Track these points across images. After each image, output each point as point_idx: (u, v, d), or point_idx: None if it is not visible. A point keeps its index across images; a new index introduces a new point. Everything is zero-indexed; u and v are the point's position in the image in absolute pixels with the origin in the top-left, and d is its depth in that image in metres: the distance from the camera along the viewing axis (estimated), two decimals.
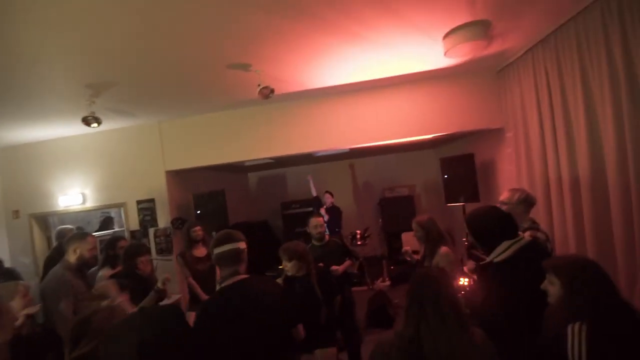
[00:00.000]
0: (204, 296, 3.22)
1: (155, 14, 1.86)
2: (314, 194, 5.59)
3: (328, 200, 5.39)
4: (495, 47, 2.92)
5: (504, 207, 2.28)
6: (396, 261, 6.16)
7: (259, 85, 2.83)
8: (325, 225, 5.22)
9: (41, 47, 2.08)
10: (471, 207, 3.98)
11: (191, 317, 2.95)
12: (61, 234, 3.78)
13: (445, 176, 4.13)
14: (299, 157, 5.65)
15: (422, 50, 2.81)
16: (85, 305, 1.82)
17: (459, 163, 4.04)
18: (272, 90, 2.86)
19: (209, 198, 4.60)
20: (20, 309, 1.90)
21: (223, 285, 1.56)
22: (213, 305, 1.54)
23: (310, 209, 5.88)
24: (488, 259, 1.67)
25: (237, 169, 6.44)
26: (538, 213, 2.36)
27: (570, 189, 2.57)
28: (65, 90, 2.81)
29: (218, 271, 3.37)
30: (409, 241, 6.10)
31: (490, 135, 4.02)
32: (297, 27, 2.18)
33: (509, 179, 3.59)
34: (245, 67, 2.70)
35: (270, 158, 4.27)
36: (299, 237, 6.35)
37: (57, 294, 2.35)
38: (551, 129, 2.75)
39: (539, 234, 2.10)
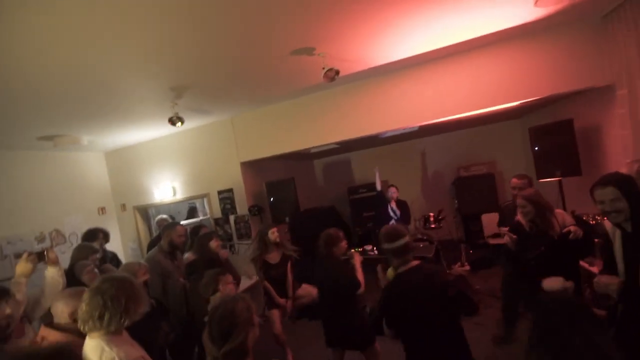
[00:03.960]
0: (278, 299, 3.11)
1: (228, 7, 1.91)
2: (379, 188, 5.32)
3: (394, 194, 5.05)
4: None
5: None
6: (475, 245, 5.72)
7: (323, 68, 2.78)
8: (397, 220, 4.98)
9: (129, 55, 2.30)
10: (570, 181, 3.48)
11: (272, 315, 3.09)
12: (160, 223, 4.32)
13: (536, 148, 3.61)
14: (364, 140, 5.50)
15: (508, 2, 2.44)
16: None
17: (553, 132, 3.49)
18: (337, 72, 2.79)
19: (280, 186, 4.77)
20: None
21: (400, 270, 1.86)
22: (396, 286, 1.86)
23: (375, 192, 5.68)
24: None
25: (303, 157, 6.57)
26: None
27: None
28: (152, 96, 3.12)
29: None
30: (490, 223, 5.61)
31: (593, 96, 3.39)
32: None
33: (621, 146, 2.99)
34: (309, 51, 2.66)
35: (337, 143, 4.23)
36: (367, 221, 6.34)
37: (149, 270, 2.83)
38: None
39: None
